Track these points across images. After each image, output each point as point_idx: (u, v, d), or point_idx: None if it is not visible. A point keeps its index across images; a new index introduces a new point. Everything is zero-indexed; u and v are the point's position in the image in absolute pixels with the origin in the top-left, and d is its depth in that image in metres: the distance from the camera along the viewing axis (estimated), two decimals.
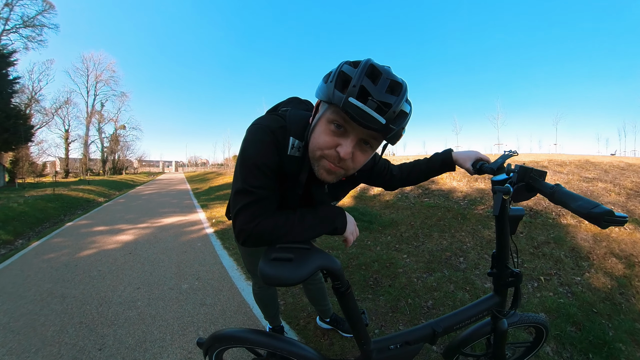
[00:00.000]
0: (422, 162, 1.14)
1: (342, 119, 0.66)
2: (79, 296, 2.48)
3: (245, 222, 0.73)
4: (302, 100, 0.97)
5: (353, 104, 0.60)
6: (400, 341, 0.93)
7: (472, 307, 0.99)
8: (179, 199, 9.57)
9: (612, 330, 1.80)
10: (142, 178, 28.63)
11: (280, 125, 0.77)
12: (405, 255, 3.07)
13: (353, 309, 0.85)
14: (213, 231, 4.77)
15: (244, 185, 0.74)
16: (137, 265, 3.23)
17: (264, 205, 0.75)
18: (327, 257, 0.74)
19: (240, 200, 0.74)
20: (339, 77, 0.65)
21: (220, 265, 3.18)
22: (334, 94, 0.64)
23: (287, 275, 0.67)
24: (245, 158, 0.75)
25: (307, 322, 2.01)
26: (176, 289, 2.60)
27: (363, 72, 0.63)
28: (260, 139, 0.75)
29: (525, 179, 0.76)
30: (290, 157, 0.77)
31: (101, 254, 3.64)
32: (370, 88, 0.62)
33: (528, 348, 1.34)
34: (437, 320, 0.97)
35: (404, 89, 0.66)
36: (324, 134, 0.70)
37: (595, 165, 5.78)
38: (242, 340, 0.93)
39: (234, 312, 2.20)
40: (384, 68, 0.65)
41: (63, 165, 32.05)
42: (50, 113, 29.17)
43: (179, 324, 2.05)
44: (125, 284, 2.71)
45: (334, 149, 0.69)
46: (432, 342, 0.95)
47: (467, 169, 1.01)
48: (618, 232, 3.14)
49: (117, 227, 5.29)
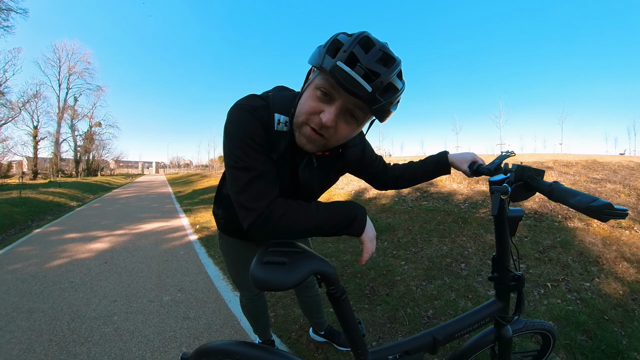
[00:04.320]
0: (416, 163, 1.16)
1: (330, 85, 0.69)
2: (48, 311, 2.42)
3: (252, 200, 0.71)
4: (285, 87, 0.99)
5: (340, 68, 0.63)
6: (399, 351, 0.93)
7: (473, 314, 0.99)
8: (160, 203, 9.48)
9: (625, 339, 1.82)
10: (120, 180, 28.26)
11: (261, 104, 0.79)
12: (403, 262, 3.09)
13: (349, 316, 0.85)
14: (197, 238, 4.73)
15: (237, 163, 0.73)
16: (113, 275, 3.17)
17: (267, 181, 0.74)
18: (322, 261, 0.75)
19: (238, 180, 0.73)
20: (332, 44, 0.68)
21: (204, 274, 3.15)
22: (324, 58, 0.66)
23: (279, 280, 0.67)
24: (231, 139, 0.76)
25: (300, 335, 2.00)
26: (157, 301, 2.56)
27: (356, 40, 0.65)
28: (244, 117, 0.76)
29: (523, 177, 0.79)
30: (278, 132, 0.78)
31: (73, 264, 3.56)
32: (360, 55, 0.64)
33: (535, 357, 1.35)
34: (437, 327, 0.97)
35: (397, 63, 0.67)
36: (309, 99, 0.72)
37: (603, 166, 5.89)
38: (231, 354, 0.92)
39: (221, 325, 2.18)
40: (379, 41, 0.68)
41: (31, 165, 31.41)
42: (17, 107, 28.55)
43: (160, 339, 2.01)
44: (100, 297, 2.66)
45: (317, 115, 0.71)
46: (433, 351, 0.95)
47: (464, 170, 1.04)
48: (629, 235, 3.20)
49: (91, 234, 5.20)
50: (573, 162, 6.40)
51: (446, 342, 0.96)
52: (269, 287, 0.67)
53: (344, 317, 0.85)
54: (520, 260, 1.03)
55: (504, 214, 0.87)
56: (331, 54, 0.67)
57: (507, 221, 0.88)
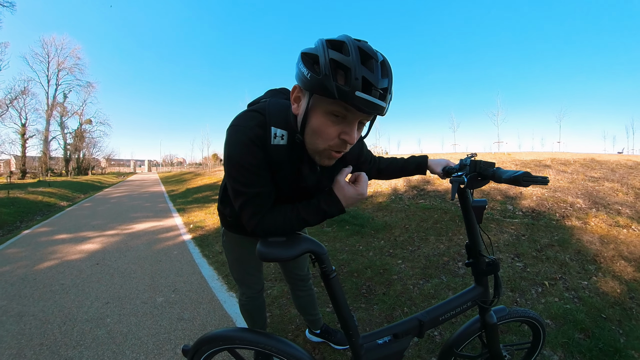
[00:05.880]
0: (399, 161, 1.31)
1: (344, 109, 0.71)
2: (38, 314, 2.41)
3: (247, 220, 0.88)
4: (279, 90, 1.07)
5: (362, 98, 0.66)
6: (388, 334, 1.03)
7: (456, 298, 1.10)
8: (153, 202, 9.43)
9: (623, 337, 1.86)
10: (111, 179, 28.04)
11: (257, 122, 0.84)
12: (400, 261, 3.11)
13: (339, 295, 0.94)
14: (191, 237, 4.72)
15: (235, 185, 0.86)
16: (105, 277, 3.15)
17: (258, 203, 0.87)
18: (315, 242, 0.89)
19: (237, 200, 0.87)
20: (332, 66, 0.67)
21: (199, 275, 3.14)
22: (334, 88, 0.66)
23: (280, 253, 0.84)
24: (229, 160, 0.84)
25: (296, 335, 2.01)
26: (150, 302, 2.55)
27: (358, 59, 0.67)
28: (239, 140, 0.82)
29: (476, 169, 0.95)
30: (275, 146, 0.84)
31: (64, 266, 3.54)
32: (370, 77, 0.67)
33: (528, 350, 1.40)
34: (422, 312, 1.07)
35: (389, 68, 0.73)
36: (325, 127, 0.75)
37: (601, 164, 5.97)
38: (231, 339, 1.01)
39: (216, 326, 2.18)
40: (367, 46, 0.71)
41: (19, 164, 30.81)
42: (4, 104, 28.02)
43: (154, 342, 2.01)
44: (92, 299, 2.64)
45: (337, 138, 0.77)
46: (420, 334, 1.04)
47: (438, 173, 1.19)
48: (627, 233, 3.25)
49: (83, 234, 5.16)
50: (571, 160, 6.47)
51: (432, 326, 1.05)
52: (272, 258, 0.84)
53: (335, 296, 0.93)
54: (493, 247, 1.17)
55: (468, 203, 1.03)
56: (335, 79, 0.67)
57: (473, 210, 1.02)
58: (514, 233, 3.50)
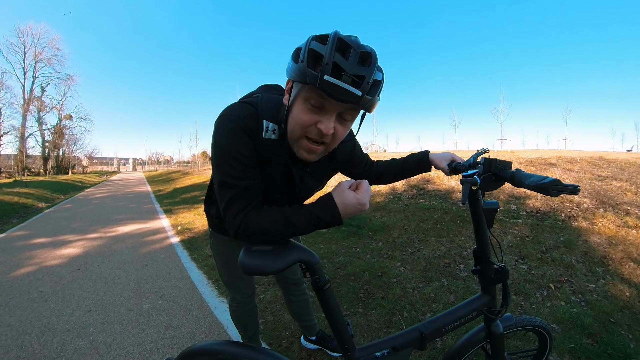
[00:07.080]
0: (398, 161, 1.27)
1: (319, 96, 0.74)
2: (15, 324, 2.38)
3: (232, 219, 0.82)
4: (272, 86, 1.08)
5: (328, 82, 0.68)
6: (387, 347, 0.98)
7: (460, 308, 1.05)
8: (138, 203, 9.37)
9: (633, 342, 1.87)
10: (93, 178, 27.77)
11: (249, 113, 0.86)
12: (399, 263, 3.12)
13: (333, 306, 0.90)
14: (179, 240, 4.70)
15: (224, 178, 0.83)
16: (87, 283, 3.13)
17: (247, 198, 0.83)
18: (306, 251, 0.84)
19: (225, 195, 0.83)
20: (309, 54, 0.71)
21: (187, 280, 3.13)
22: (306, 73, 0.70)
23: (266, 265, 0.77)
24: (218, 151, 0.83)
25: (291, 342, 2.01)
26: (136, 310, 2.54)
27: (333, 47, 0.69)
28: (230, 129, 0.83)
29: (491, 169, 0.88)
30: (266, 140, 0.87)
31: (43, 272, 3.50)
32: (342, 63, 0.69)
33: (534, 358, 1.39)
34: (424, 322, 1.03)
35: (374, 58, 0.74)
36: (302, 113, 0.78)
37: (609, 163, 6.03)
38: (216, 353, 0.97)
39: (205, 334, 2.17)
40: (351, 39, 0.73)
41: None
42: None
43: (140, 351, 2.00)
44: (73, 307, 2.62)
45: (314, 126, 0.78)
46: (421, 347, 1.00)
47: (443, 168, 1.13)
48: (636, 234, 3.29)
49: (62, 238, 5.11)
50: (578, 158, 6.54)
51: (434, 338, 1.01)
52: (256, 271, 0.76)
53: (329, 307, 0.90)
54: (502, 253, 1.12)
55: (479, 206, 0.97)
56: (312, 66, 0.71)
57: (483, 213, 0.97)
58: (517, 234, 3.53)
